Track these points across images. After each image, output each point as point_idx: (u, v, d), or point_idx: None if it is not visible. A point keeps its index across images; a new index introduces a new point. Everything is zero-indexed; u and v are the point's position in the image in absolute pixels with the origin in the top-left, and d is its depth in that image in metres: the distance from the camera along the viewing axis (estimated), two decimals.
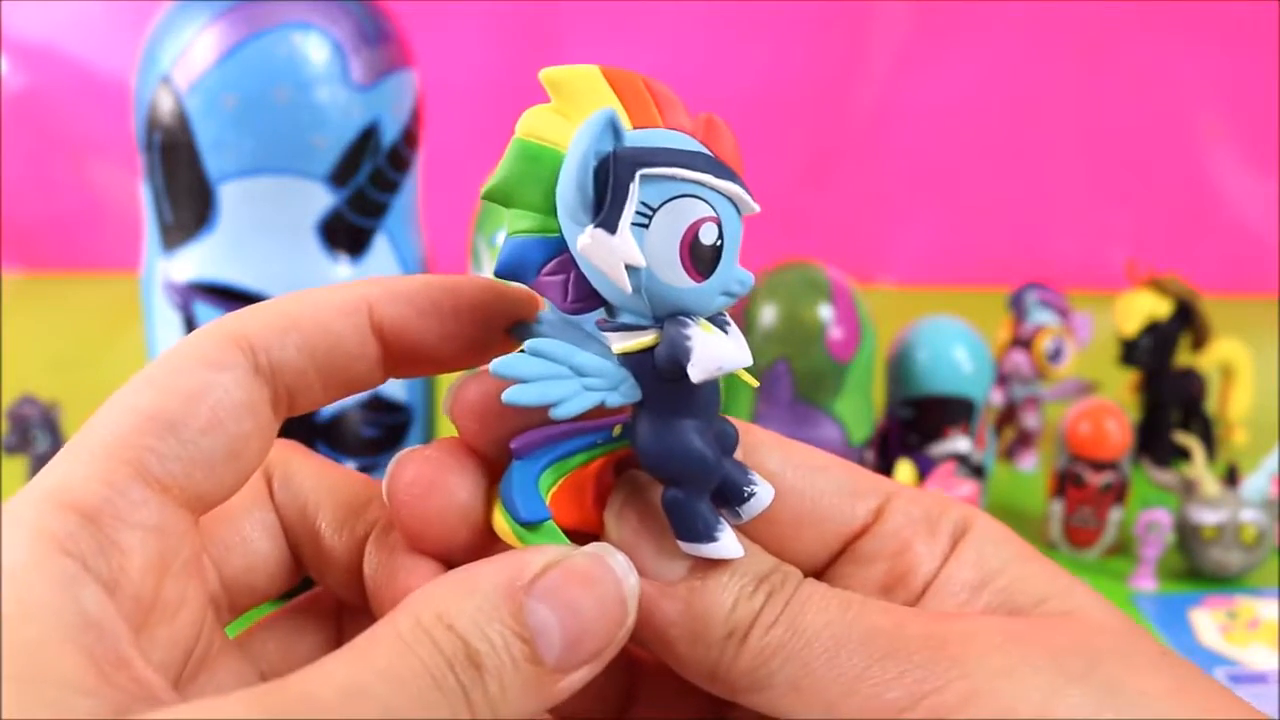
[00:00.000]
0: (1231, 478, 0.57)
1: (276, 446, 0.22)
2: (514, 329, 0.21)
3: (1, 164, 0.97)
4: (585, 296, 0.20)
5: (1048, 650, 0.19)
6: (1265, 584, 0.56)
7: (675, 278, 0.19)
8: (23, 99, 0.97)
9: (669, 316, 0.20)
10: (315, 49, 0.47)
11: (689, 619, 0.20)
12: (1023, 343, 0.66)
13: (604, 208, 0.19)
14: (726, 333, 0.20)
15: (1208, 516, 0.55)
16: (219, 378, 0.20)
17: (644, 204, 0.19)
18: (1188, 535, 0.56)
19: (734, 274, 0.20)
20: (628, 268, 0.19)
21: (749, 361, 0.20)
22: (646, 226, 0.19)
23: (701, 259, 0.19)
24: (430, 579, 0.20)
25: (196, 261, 0.50)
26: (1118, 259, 0.73)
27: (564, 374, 0.20)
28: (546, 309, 0.21)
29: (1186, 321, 0.68)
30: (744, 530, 0.22)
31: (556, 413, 0.20)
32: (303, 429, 0.50)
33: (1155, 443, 0.68)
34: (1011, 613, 0.21)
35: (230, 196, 0.48)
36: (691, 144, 0.20)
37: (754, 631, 0.20)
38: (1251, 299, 0.94)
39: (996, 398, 0.66)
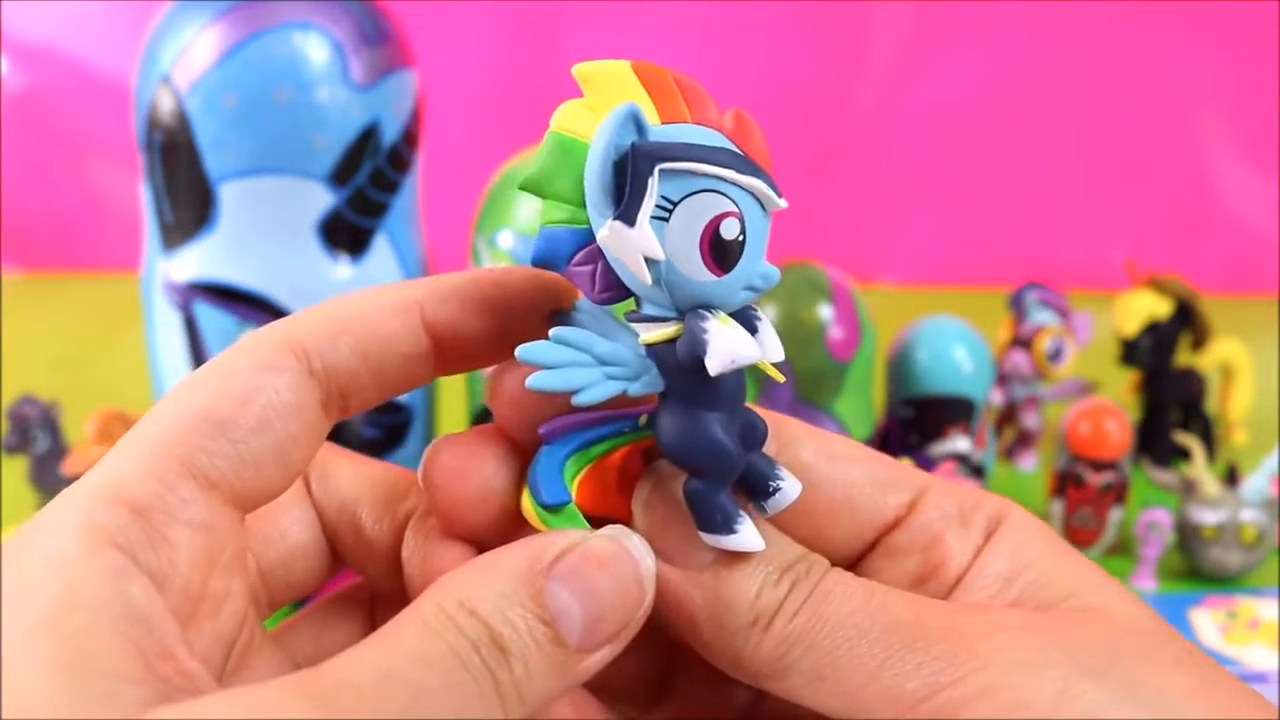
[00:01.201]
0: (1231, 478, 0.57)
1: None
2: (552, 316, 0.22)
3: (1, 164, 0.97)
4: (612, 286, 0.20)
5: (1068, 645, 0.19)
6: (1265, 584, 0.56)
7: (695, 271, 0.20)
8: (23, 99, 0.97)
9: (690, 309, 0.20)
10: (315, 49, 0.48)
11: (714, 606, 0.21)
12: (1023, 343, 0.66)
13: (624, 200, 0.19)
14: (757, 327, 0.21)
15: (1208, 516, 0.55)
16: (271, 380, 0.20)
17: (665, 198, 0.19)
18: (1188, 535, 0.56)
19: (757, 269, 0.20)
20: (647, 260, 0.19)
21: (764, 356, 0.20)
22: (667, 220, 0.19)
23: (722, 253, 0.20)
24: (461, 563, 0.20)
25: (197, 261, 0.50)
26: (1118, 259, 0.73)
27: (586, 361, 0.20)
28: (583, 298, 0.22)
29: (1186, 321, 0.68)
30: (775, 520, 0.22)
31: (578, 400, 0.20)
32: None
33: (1155, 443, 0.68)
34: (1039, 606, 0.21)
35: (230, 196, 0.48)
36: (718, 139, 0.20)
37: (777, 620, 0.20)
38: (1251, 299, 0.94)
39: (996, 398, 0.66)
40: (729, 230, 0.19)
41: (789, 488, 0.21)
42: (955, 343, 0.59)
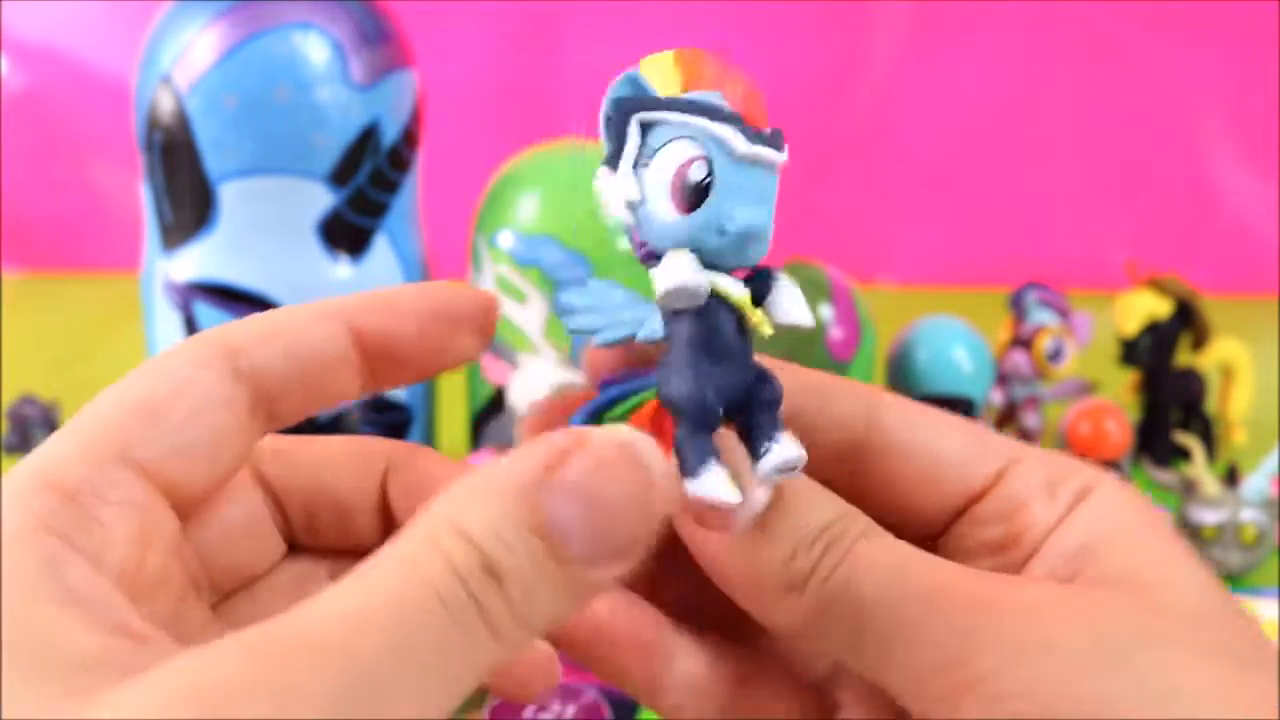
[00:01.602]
0: (1231, 478, 0.57)
1: (267, 437, 0.23)
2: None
3: (2, 164, 0.97)
4: (643, 244, 0.22)
5: (1093, 628, 0.19)
6: (1265, 584, 0.56)
7: (665, 211, 0.21)
8: (23, 99, 0.97)
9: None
10: (315, 49, 0.48)
11: (750, 570, 0.21)
12: (1023, 343, 0.66)
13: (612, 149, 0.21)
14: (772, 286, 0.21)
15: (1208, 516, 0.55)
16: (202, 374, 0.21)
17: (649, 147, 0.21)
18: (1188, 535, 0.56)
19: (726, 212, 0.20)
20: (629, 204, 0.21)
21: (707, 286, 0.20)
22: (648, 166, 0.21)
23: (688, 194, 0.20)
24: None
25: (196, 261, 0.50)
26: (1118, 259, 0.73)
27: (602, 307, 0.22)
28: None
29: (1186, 321, 0.68)
30: (861, 485, 0.23)
31: (597, 340, 0.22)
32: (303, 429, 0.50)
33: (1155, 443, 0.67)
34: (1096, 581, 0.21)
35: (230, 196, 0.48)
36: (713, 98, 0.21)
37: (809, 585, 0.20)
38: (1251, 299, 0.94)
39: (996, 398, 0.66)
40: (696, 173, 0.20)
41: (781, 451, 0.21)
42: (955, 343, 0.59)
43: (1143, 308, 0.66)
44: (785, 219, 0.22)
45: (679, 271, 0.20)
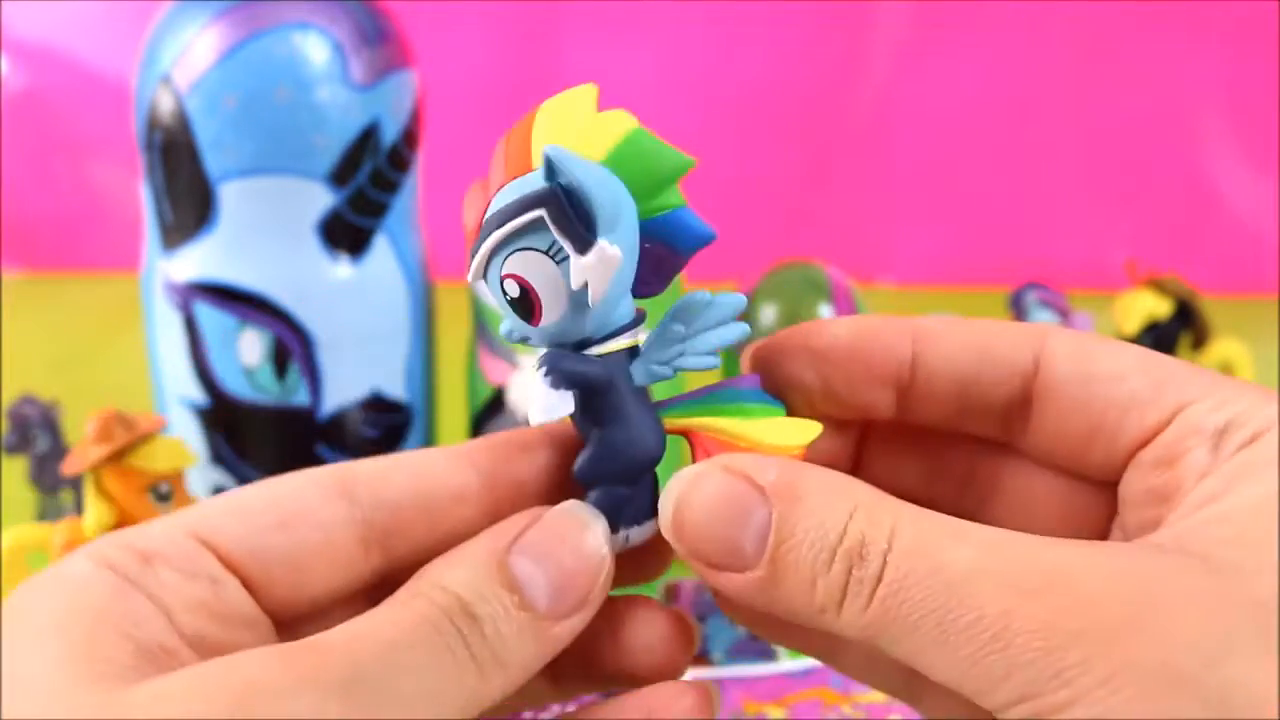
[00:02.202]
0: None
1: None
2: None
3: (1, 164, 0.97)
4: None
5: (1167, 642, 0.18)
6: None
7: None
8: (23, 99, 0.97)
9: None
10: (315, 49, 0.48)
11: (778, 606, 0.21)
12: None
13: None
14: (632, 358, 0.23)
15: None
16: (309, 492, 0.22)
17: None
18: None
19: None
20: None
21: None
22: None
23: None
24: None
25: (197, 261, 0.50)
26: (1118, 259, 0.73)
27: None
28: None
29: (1186, 321, 0.68)
30: (1033, 436, 0.23)
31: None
32: (303, 429, 0.50)
33: None
34: (1201, 550, 0.19)
35: (230, 196, 0.48)
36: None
37: (846, 606, 0.20)
38: (1251, 299, 0.93)
39: None
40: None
41: (633, 532, 0.23)
42: None
43: (1143, 308, 0.66)
44: (786, 219, 0.22)
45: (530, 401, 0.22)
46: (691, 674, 0.25)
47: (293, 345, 0.50)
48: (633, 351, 0.23)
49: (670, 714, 0.22)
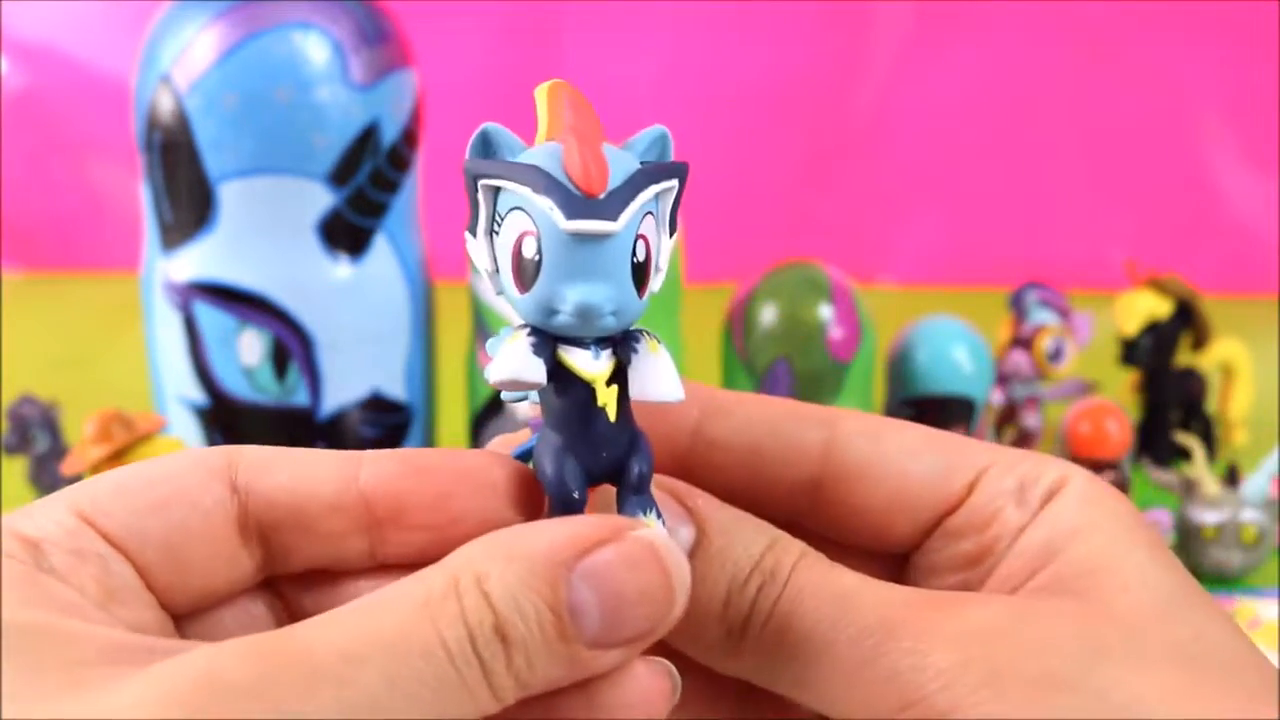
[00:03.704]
0: (1232, 478, 0.57)
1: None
2: None
3: (1, 164, 0.97)
4: None
5: (1041, 651, 0.19)
6: (1265, 584, 0.56)
7: (509, 286, 0.20)
8: (23, 99, 0.97)
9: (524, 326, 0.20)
10: (315, 49, 0.48)
11: (688, 619, 0.20)
12: (1023, 343, 0.66)
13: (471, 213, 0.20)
14: (632, 355, 0.20)
15: (1208, 516, 0.55)
16: (191, 477, 0.21)
17: (498, 212, 0.20)
18: (1188, 535, 0.56)
19: (556, 292, 0.19)
20: (488, 272, 0.20)
21: (541, 381, 0.19)
22: (498, 234, 0.20)
23: (523, 271, 0.19)
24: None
25: (196, 261, 0.50)
26: (1118, 259, 0.73)
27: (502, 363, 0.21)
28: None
29: (1186, 321, 0.68)
30: (827, 514, 0.22)
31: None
32: (303, 429, 0.50)
33: (1155, 443, 0.67)
34: (1053, 584, 0.20)
35: (230, 196, 0.48)
36: (552, 156, 0.19)
37: (749, 629, 0.20)
38: (1251, 299, 0.93)
39: (996, 398, 0.66)
40: (527, 249, 0.19)
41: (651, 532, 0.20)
42: (955, 343, 0.59)
43: (1143, 308, 0.66)
44: (786, 219, 0.21)
45: (507, 363, 0.19)
46: None
47: (293, 345, 0.50)
48: None
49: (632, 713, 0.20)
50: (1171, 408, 0.68)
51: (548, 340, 0.20)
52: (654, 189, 0.19)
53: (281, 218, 0.49)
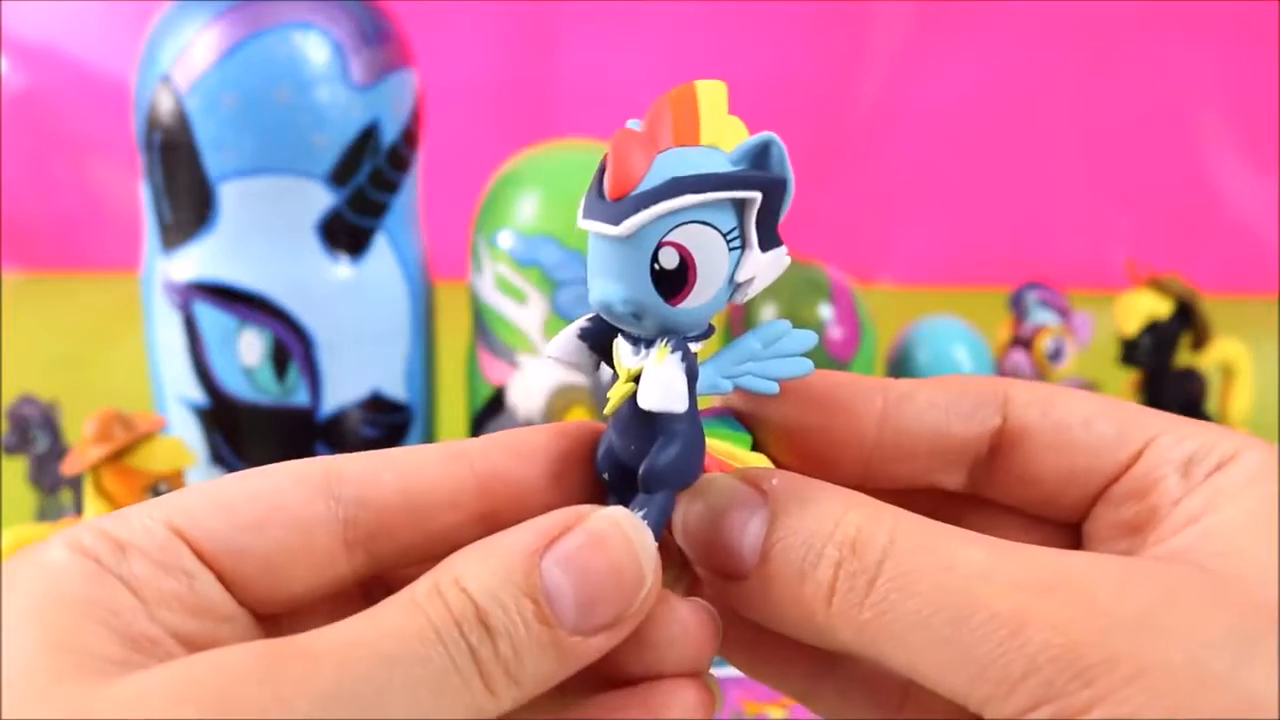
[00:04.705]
0: None
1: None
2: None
3: (1, 164, 0.97)
4: None
5: (1194, 644, 0.17)
6: None
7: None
8: (23, 99, 0.97)
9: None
10: (315, 49, 0.48)
11: (774, 615, 0.20)
12: (1023, 343, 0.66)
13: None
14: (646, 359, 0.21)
15: None
16: (290, 491, 0.21)
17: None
18: None
19: (589, 284, 0.20)
20: None
21: (570, 359, 0.21)
22: None
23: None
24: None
25: (196, 261, 0.50)
26: (1118, 259, 0.73)
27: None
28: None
29: (1187, 321, 0.67)
30: (999, 480, 0.23)
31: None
32: (303, 429, 0.50)
33: None
34: (1202, 561, 0.19)
35: (230, 196, 0.48)
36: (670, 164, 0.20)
37: (837, 604, 0.19)
38: (1251, 299, 0.94)
39: None
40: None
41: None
42: (955, 343, 0.59)
43: (1143, 308, 0.66)
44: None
45: (554, 341, 0.21)
46: None
47: (293, 345, 0.50)
48: None
49: (672, 712, 0.21)
50: (1171, 408, 0.68)
51: (608, 329, 0.21)
52: (691, 199, 0.19)
53: (281, 218, 0.49)
